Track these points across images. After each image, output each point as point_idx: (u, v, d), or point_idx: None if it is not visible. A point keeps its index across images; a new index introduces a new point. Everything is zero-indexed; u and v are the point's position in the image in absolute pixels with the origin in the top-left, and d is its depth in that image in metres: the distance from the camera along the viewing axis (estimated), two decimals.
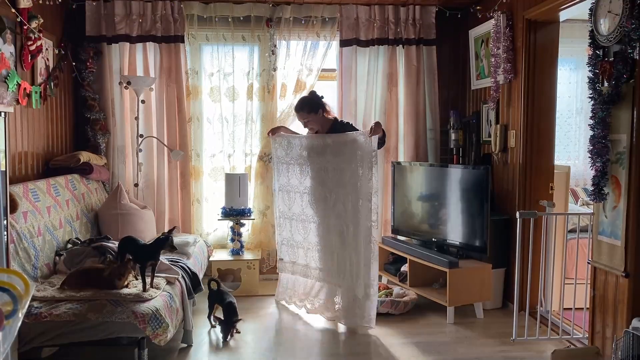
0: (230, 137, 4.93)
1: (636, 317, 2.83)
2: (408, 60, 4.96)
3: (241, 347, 3.57)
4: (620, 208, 2.98)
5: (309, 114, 3.96)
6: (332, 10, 4.84)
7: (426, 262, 4.17)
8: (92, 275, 3.13)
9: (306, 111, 3.97)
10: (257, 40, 4.87)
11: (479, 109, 4.76)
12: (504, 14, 4.15)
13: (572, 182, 5.52)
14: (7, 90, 3.41)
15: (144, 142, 4.70)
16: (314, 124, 4.00)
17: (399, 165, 4.76)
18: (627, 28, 2.81)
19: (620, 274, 2.96)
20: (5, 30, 3.40)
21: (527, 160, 4.05)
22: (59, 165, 4.15)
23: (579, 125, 5.88)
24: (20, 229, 3.20)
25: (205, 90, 4.90)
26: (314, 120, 3.98)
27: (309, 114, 3.96)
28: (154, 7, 4.69)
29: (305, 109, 3.98)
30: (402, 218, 4.74)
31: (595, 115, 3.06)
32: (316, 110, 3.96)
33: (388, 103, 5.00)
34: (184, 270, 3.63)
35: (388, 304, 4.05)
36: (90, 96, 4.64)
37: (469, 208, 4.14)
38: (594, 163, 3.07)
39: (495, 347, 3.53)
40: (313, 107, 3.96)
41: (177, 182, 4.89)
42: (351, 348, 3.55)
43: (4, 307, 1.21)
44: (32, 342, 2.76)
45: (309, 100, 4.03)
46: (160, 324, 2.87)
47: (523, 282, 3.77)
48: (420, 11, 4.92)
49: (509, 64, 4.10)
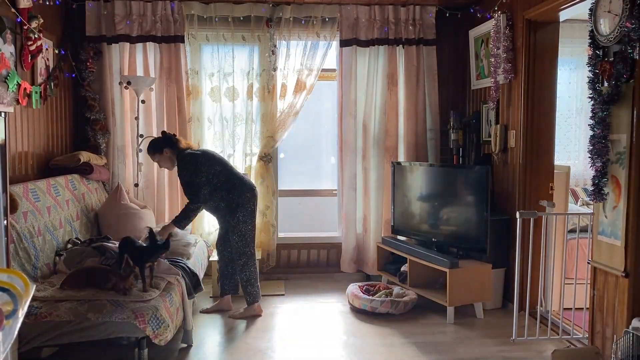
0: (230, 137, 4.93)
1: (636, 317, 2.84)
2: (408, 60, 4.96)
3: (241, 347, 3.57)
4: (620, 208, 2.98)
5: (154, 155, 3.95)
6: (332, 10, 4.84)
7: (426, 262, 4.17)
8: (92, 275, 3.13)
9: (151, 153, 3.96)
10: (257, 41, 4.87)
11: (479, 109, 4.76)
12: (504, 14, 4.15)
13: (572, 182, 5.52)
14: (7, 90, 3.41)
15: (144, 142, 4.70)
16: (163, 163, 3.98)
17: (399, 165, 4.76)
18: (627, 28, 2.81)
19: (620, 274, 2.96)
20: (5, 30, 3.40)
21: (527, 160, 4.05)
22: (59, 165, 4.15)
23: (579, 125, 5.88)
24: (20, 229, 3.20)
25: (205, 90, 4.90)
26: (161, 160, 3.95)
27: (154, 154, 3.94)
28: (154, 7, 4.69)
29: (149, 151, 3.96)
30: (402, 218, 4.74)
31: (595, 115, 3.06)
32: (160, 151, 3.90)
33: (388, 103, 5.00)
34: (184, 270, 3.63)
35: (388, 304, 4.05)
36: (91, 96, 4.64)
37: (469, 208, 4.14)
38: (594, 163, 3.07)
39: (495, 347, 3.53)
40: (156, 148, 3.92)
41: (177, 182, 4.88)
42: (351, 348, 3.55)
43: (4, 307, 1.21)
44: (32, 342, 2.76)
45: (152, 142, 3.98)
46: (160, 324, 2.87)
47: (523, 282, 3.77)
48: (420, 11, 4.92)
49: (509, 64, 4.10)
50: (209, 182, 3.87)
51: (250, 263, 4.02)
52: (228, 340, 3.72)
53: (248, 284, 4.03)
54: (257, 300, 4.08)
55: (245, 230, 3.98)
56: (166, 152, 3.90)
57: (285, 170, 5.58)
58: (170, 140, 3.93)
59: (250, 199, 3.98)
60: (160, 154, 3.91)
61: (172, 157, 3.93)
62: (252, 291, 4.04)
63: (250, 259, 4.02)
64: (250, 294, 4.05)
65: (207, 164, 3.88)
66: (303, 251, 5.20)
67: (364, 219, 5.07)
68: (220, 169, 3.93)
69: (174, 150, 3.90)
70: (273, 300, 4.48)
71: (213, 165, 3.91)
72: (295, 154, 5.84)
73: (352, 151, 5.02)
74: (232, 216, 3.94)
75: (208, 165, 3.88)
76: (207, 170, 3.87)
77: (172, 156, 3.92)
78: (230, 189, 3.92)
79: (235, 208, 3.93)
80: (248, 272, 4.02)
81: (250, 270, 4.03)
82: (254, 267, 4.05)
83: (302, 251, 5.19)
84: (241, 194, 3.94)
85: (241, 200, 3.93)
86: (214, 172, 3.89)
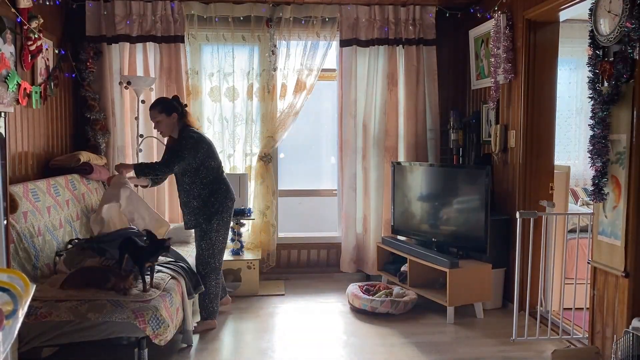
0: (230, 137, 4.93)
1: (636, 317, 2.83)
2: (408, 60, 4.96)
3: (241, 347, 3.57)
4: (620, 208, 2.98)
5: (160, 114, 3.66)
6: (332, 10, 4.84)
7: (426, 262, 4.17)
8: (92, 275, 3.13)
9: (157, 110, 3.67)
10: (257, 41, 4.87)
11: (479, 109, 4.76)
12: (504, 14, 4.15)
13: (572, 182, 5.52)
14: (7, 90, 3.41)
15: (144, 142, 4.70)
16: (162, 126, 3.70)
17: (399, 165, 4.76)
18: (627, 28, 2.81)
19: (620, 274, 2.96)
20: (5, 30, 3.40)
21: (527, 160, 4.05)
22: (59, 165, 4.15)
23: (579, 125, 5.88)
24: (20, 229, 3.20)
25: (205, 90, 4.90)
26: (163, 122, 3.67)
27: (160, 113, 3.66)
28: (154, 7, 4.69)
29: (157, 107, 3.68)
30: (402, 218, 4.74)
31: (595, 115, 3.06)
32: (169, 113, 3.65)
33: (388, 103, 5.00)
34: (184, 270, 3.63)
35: (388, 304, 4.05)
36: (91, 96, 4.64)
37: (469, 208, 4.14)
38: (594, 163, 3.08)
39: (495, 347, 3.53)
40: (165, 108, 3.66)
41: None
42: (351, 348, 3.55)
43: (4, 307, 1.21)
44: (32, 342, 2.76)
45: (163, 100, 3.78)
46: (160, 324, 2.87)
47: (523, 282, 3.77)
48: (420, 11, 4.92)
49: (509, 64, 4.10)
50: (196, 170, 3.63)
51: (213, 277, 3.75)
52: (228, 340, 3.72)
53: (206, 297, 3.75)
54: (213, 318, 3.81)
55: (215, 240, 3.71)
56: (173, 117, 3.66)
57: (285, 170, 5.58)
58: (183, 108, 3.73)
59: (230, 208, 3.76)
60: (167, 116, 3.65)
61: (175, 126, 3.69)
62: (210, 307, 3.78)
63: (214, 273, 3.76)
64: (207, 309, 3.78)
65: (206, 154, 3.65)
66: (303, 251, 5.20)
67: (364, 219, 5.07)
68: (215, 166, 3.71)
69: (180, 119, 3.69)
70: (273, 300, 4.48)
71: (210, 157, 3.68)
72: (295, 154, 5.84)
73: (352, 151, 5.02)
74: (207, 221, 3.67)
75: (206, 155, 3.65)
76: (202, 159, 3.63)
77: (175, 124, 3.68)
78: (215, 191, 3.68)
79: (214, 214, 3.66)
80: (209, 285, 3.74)
81: (212, 285, 3.75)
82: (215, 282, 3.77)
83: (302, 251, 5.20)
84: (224, 201, 3.70)
85: (222, 207, 3.69)
86: (207, 165, 3.66)
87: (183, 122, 3.71)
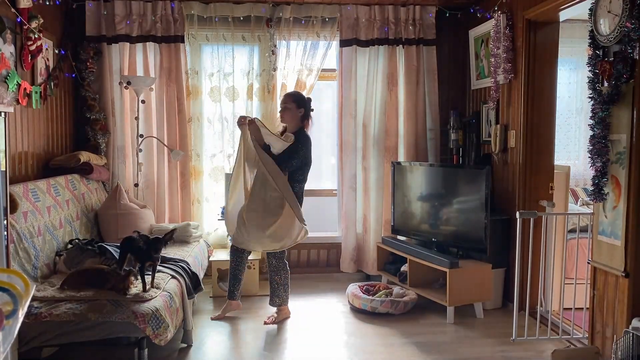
0: (230, 137, 4.93)
1: (636, 317, 2.84)
2: (408, 60, 4.96)
3: (241, 347, 3.57)
4: (620, 208, 2.98)
5: (292, 102, 3.92)
6: (332, 10, 4.84)
7: (426, 262, 4.17)
8: (92, 275, 3.13)
9: (292, 99, 3.95)
10: (257, 41, 4.88)
11: (479, 109, 4.76)
12: (504, 14, 4.15)
13: (572, 182, 5.52)
14: (7, 90, 3.41)
15: (144, 142, 4.71)
16: (287, 116, 3.94)
17: (399, 165, 4.76)
18: (627, 28, 2.81)
19: (620, 274, 2.96)
20: (5, 30, 3.40)
21: (527, 160, 4.05)
22: (59, 165, 4.15)
23: (578, 125, 5.88)
24: (20, 229, 3.20)
25: (205, 90, 4.90)
26: (291, 112, 3.92)
27: (293, 102, 3.92)
28: (154, 7, 4.69)
29: (292, 96, 3.99)
30: (402, 218, 4.74)
31: (595, 115, 3.06)
32: (299, 106, 3.92)
33: (388, 103, 5.00)
34: (184, 270, 3.63)
35: (388, 304, 4.05)
36: (91, 96, 4.64)
37: (469, 208, 4.14)
38: (594, 163, 3.08)
39: (495, 347, 3.53)
40: (299, 101, 3.94)
41: (177, 182, 4.89)
42: (351, 348, 3.55)
43: (4, 307, 1.21)
44: (32, 342, 2.76)
45: (301, 95, 4.05)
46: (160, 324, 2.87)
47: (523, 282, 3.77)
48: (420, 11, 4.92)
49: (509, 64, 4.10)
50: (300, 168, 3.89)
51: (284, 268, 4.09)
52: (228, 340, 3.72)
53: (280, 287, 4.03)
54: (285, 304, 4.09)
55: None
56: (300, 111, 3.92)
57: None
58: (310, 110, 3.98)
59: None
60: (297, 109, 3.91)
61: (297, 120, 3.93)
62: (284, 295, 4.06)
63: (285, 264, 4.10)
64: (281, 297, 4.05)
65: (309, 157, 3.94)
66: (303, 251, 5.20)
67: (364, 219, 5.08)
68: (308, 169, 3.97)
69: (302, 118, 3.94)
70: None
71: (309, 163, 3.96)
72: None
73: (352, 151, 5.02)
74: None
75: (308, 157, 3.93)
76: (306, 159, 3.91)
77: (298, 120, 3.93)
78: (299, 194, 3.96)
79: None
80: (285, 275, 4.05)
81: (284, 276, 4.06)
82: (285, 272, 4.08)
83: (302, 251, 5.19)
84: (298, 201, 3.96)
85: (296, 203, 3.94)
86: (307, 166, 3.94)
87: (303, 123, 3.95)
